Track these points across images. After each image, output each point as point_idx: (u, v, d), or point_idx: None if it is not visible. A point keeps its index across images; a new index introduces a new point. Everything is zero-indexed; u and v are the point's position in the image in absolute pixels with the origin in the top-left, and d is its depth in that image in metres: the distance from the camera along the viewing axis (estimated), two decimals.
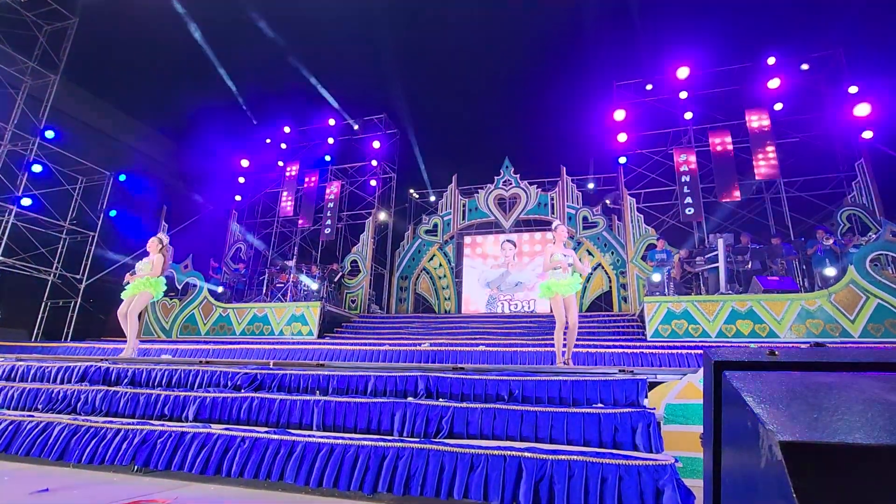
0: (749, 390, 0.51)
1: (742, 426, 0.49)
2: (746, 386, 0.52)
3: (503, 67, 17.54)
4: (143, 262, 5.77)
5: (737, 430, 0.53)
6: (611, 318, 11.02)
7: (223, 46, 15.14)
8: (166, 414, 3.73)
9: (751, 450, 0.45)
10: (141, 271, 5.67)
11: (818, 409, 0.46)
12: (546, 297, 5.16)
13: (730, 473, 0.55)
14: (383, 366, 4.62)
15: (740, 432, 0.51)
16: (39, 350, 9.01)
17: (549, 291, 5.10)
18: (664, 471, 2.44)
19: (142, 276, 5.63)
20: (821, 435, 0.40)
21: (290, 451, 2.93)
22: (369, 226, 14.52)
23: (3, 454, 3.47)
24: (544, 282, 5.15)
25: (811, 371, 0.58)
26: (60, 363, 4.80)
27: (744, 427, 0.48)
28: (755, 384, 0.53)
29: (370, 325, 11.75)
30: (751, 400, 0.48)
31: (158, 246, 5.76)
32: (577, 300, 5.26)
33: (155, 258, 5.70)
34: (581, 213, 14.13)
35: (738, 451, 0.52)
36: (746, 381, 0.54)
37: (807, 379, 0.55)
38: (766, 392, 0.50)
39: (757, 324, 7.94)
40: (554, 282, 5.07)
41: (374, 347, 7.57)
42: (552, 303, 5.13)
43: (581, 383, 3.38)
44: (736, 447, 0.53)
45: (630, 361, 6.72)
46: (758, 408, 0.46)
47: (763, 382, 0.53)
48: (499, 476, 2.57)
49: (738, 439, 0.52)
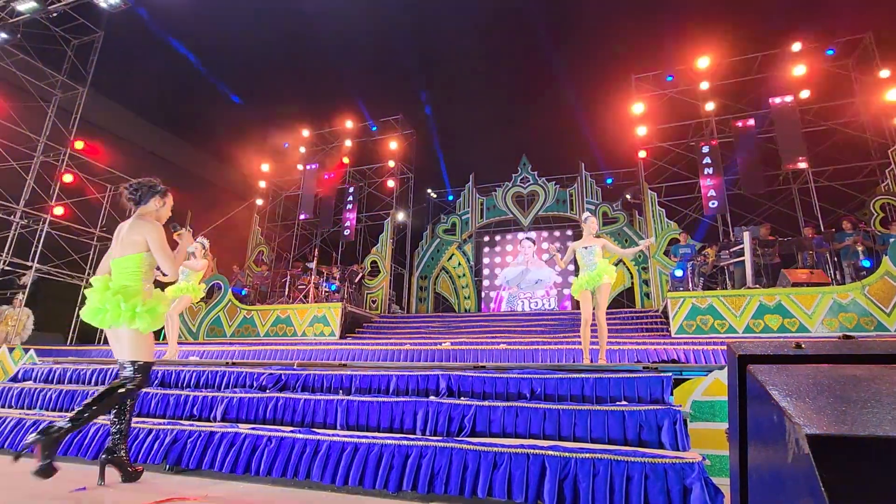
0: (774, 384, 0.50)
1: (768, 420, 0.48)
2: (772, 379, 0.51)
3: (518, 64, 17.45)
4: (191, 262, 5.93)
5: (763, 425, 0.52)
6: (633, 314, 10.85)
7: (242, 54, 15.45)
8: (195, 414, 3.83)
9: (777, 444, 0.44)
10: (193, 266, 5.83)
11: (846, 401, 0.45)
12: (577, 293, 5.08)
13: (756, 468, 0.54)
14: (405, 365, 4.65)
15: (766, 426, 0.50)
16: (74, 353, 9.34)
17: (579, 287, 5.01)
18: (691, 469, 2.40)
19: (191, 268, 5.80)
20: (849, 428, 0.40)
21: (316, 450, 2.98)
22: (388, 226, 14.61)
23: None
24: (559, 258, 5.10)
25: (839, 364, 0.57)
26: (94, 366, 4.98)
27: (770, 421, 0.47)
28: (781, 377, 0.52)
29: (391, 325, 11.83)
30: (776, 393, 0.47)
31: (203, 251, 5.94)
32: (607, 295, 5.10)
33: (202, 262, 5.88)
34: (601, 208, 13.96)
35: (765, 446, 0.51)
36: (772, 375, 0.53)
37: (835, 371, 0.53)
38: (793, 385, 0.49)
39: (786, 318, 7.72)
40: (578, 279, 5.03)
41: (396, 347, 7.62)
42: (581, 298, 5.05)
43: (604, 380, 3.34)
44: (762, 442, 0.53)
45: (654, 358, 6.61)
46: (784, 401, 0.45)
47: (789, 375, 0.52)
48: (522, 474, 2.57)
49: (764, 434, 0.51)
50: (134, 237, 2.76)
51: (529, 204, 14.73)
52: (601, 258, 5.04)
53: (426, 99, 17.45)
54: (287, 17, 14.78)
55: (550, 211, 14.45)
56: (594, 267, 4.97)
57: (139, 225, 2.79)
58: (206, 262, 5.94)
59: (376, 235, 14.94)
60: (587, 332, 5.02)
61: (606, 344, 5.25)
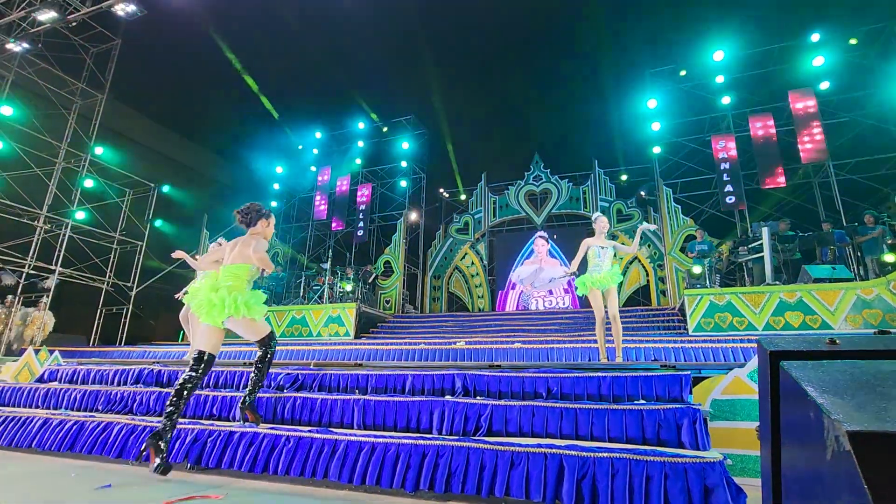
0: (810, 380, 0.49)
1: (803, 418, 0.47)
2: (806, 376, 0.50)
3: (530, 62, 17.36)
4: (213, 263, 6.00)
5: (797, 423, 0.51)
6: (650, 312, 10.73)
7: (256, 58, 15.63)
8: (215, 414, 3.89)
9: (814, 442, 0.43)
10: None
11: (886, 398, 0.43)
12: (583, 293, 5.07)
13: (791, 467, 0.52)
14: (420, 365, 4.66)
15: (801, 424, 0.48)
16: (97, 354, 9.55)
17: (584, 287, 5.00)
18: (713, 469, 2.36)
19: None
20: (892, 424, 0.38)
21: (333, 449, 3.00)
22: (401, 226, 14.66)
23: (69, 452, 3.71)
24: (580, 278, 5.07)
25: (876, 359, 0.55)
26: (117, 367, 5.08)
27: (805, 418, 0.46)
28: (816, 374, 0.50)
29: (405, 325, 11.87)
30: (812, 390, 0.46)
31: None
32: (617, 294, 5.13)
33: None
34: (615, 205, 13.82)
35: (800, 444, 0.50)
36: (806, 371, 0.51)
37: (872, 368, 0.52)
38: (829, 382, 0.48)
39: (808, 315, 7.55)
40: (588, 277, 4.98)
41: (410, 347, 7.64)
42: (590, 298, 5.02)
43: (621, 379, 3.30)
44: (797, 440, 0.51)
45: (672, 356, 6.53)
46: (820, 398, 0.44)
47: (825, 372, 0.51)
48: (540, 474, 2.55)
49: (800, 432, 0.50)
50: (246, 251, 3.31)
51: (542, 202, 14.65)
52: (612, 262, 5.06)
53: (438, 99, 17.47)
54: (300, 20, 14.92)
55: (564, 209, 14.35)
56: (604, 269, 4.96)
57: (251, 242, 3.35)
58: None
59: (389, 236, 14.99)
60: (602, 330, 5.00)
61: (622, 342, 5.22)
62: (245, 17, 14.24)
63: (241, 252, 3.33)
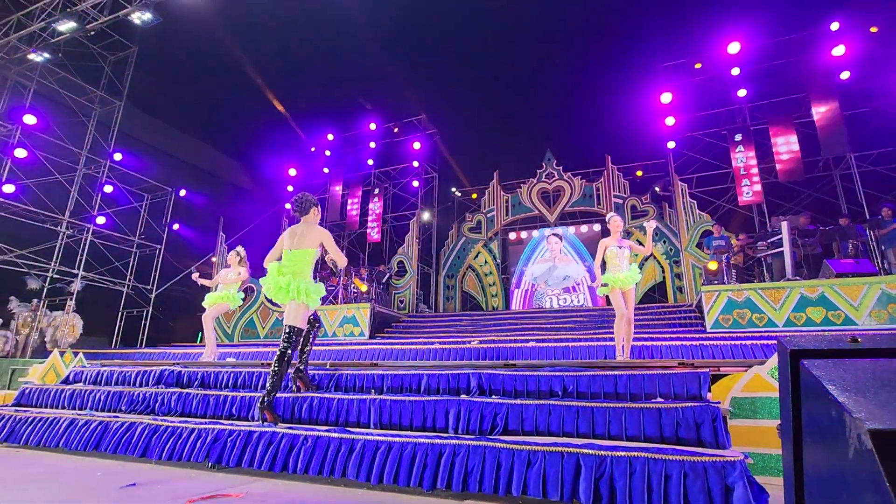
0: (831, 379, 0.48)
1: (825, 416, 0.46)
2: (827, 374, 0.49)
3: (540, 57, 17.26)
4: (226, 272, 6.14)
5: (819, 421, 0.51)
6: (666, 309, 10.60)
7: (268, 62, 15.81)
8: (234, 413, 3.95)
9: (836, 440, 0.43)
10: (225, 279, 6.05)
11: None
12: (604, 293, 5.11)
13: (813, 465, 0.52)
14: (435, 364, 4.67)
15: (823, 423, 0.48)
16: (120, 356, 9.77)
17: (606, 287, 5.04)
18: (733, 467, 2.33)
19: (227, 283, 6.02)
20: None
21: (351, 448, 3.03)
22: (414, 226, 14.70)
23: (94, 452, 3.80)
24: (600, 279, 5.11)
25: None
26: (138, 368, 5.19)
27: (827, 417, 0.46)
28: (837, 372, 0.50)
29: (419, 325, 11.90)
30: (833, 389, 0.46)
31: (238, 259, 6.13)
32: (634, 292, 5.18)
33: (241, 270, 6.07)
34: (629, 202, 13.67)
35: (822, 443, 0.50)
36: (827, 370, 0.51)
37: (894, 366, 0.51)
38: (850, 380, 0.47)
39: (830, 311, 7.39)
40: (610, 277, 5.01)
41: (425, 346, 7.67)
42: (610, 296, 5.06)
43: (639, 377, 3.28)
44: (818, 438, 0.51)
45: (689, 354, 6.44)
46: (842, 396, 0.44)
47: (846, 370, 0.50)
48: (557, 473, 2.55)
49: (821, 430, 0.50)
50: (311, 236, 3.73)
51: (555, 200, 14.56)
52: (630, 261, 5.13)
53: (448, 97, 17.47)
54: (311, 23, 15.04)
55: (577, 206, 14.24)
56: (623, 270, 5.02)
57: (314, 229, 3.79)
58: (242, 270, 6.09)
59: (402, 236, 15.05)
60: (621, 329, 5.03)
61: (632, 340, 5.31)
62: (256, 21, 14.40)
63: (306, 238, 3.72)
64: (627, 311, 5.00)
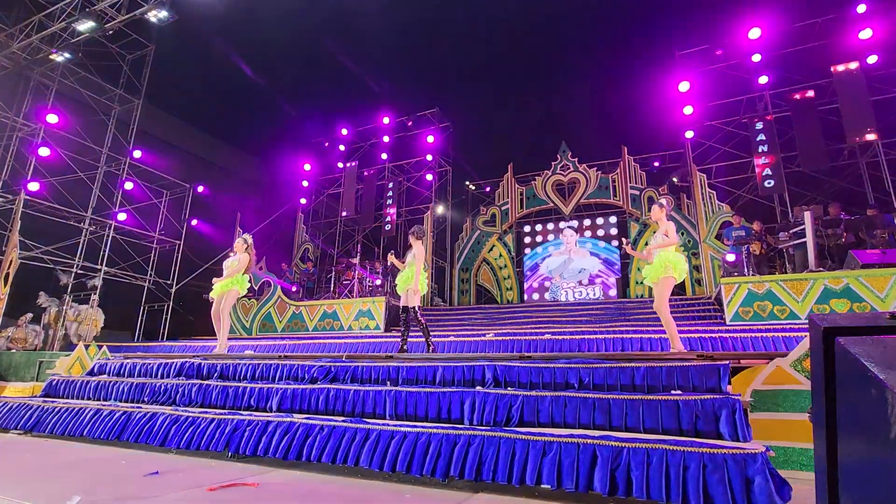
0: (871, 356, 0.45)
1: (864, 395, 0.43)
2: (866, 351, 0.46)
3: (555, 48, 17.02)
4: (230, 260, 6.17)
5: (856, 402, 0.48)
6: (684, 301, 10.42)
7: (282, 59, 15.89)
8: (252, 404, 4.01)
9: (876, 421, 0.40)
10: (228, 268, 6.07)
11: None
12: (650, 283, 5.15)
13: (849, 450, 0.49)
14: (450, 356, 4.67)
15: (861, 403, 0.45)
16: (142, 349, 9.99)
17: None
18: (754, 460, 2.28)
19: (230, 274, 6.01)
20: None
21: (366, 437, 3.04)
22: (428, 220, 14.68)
23: (117, 441, 3.90)
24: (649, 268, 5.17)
25: None
26: (160, 360, 5.30)
27: (867, 396, 0.43)
28: (877, 349, 0.47)
29: (434, 318, 11.91)
30: (874, 366, 0.43)
31: (244, 245, 6.15)
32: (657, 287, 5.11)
33: (241, 256, 6.09)
34: (646, 193, 13.44)
35: (860, 425, 0.47)
36: (867, 347, 0.48)
37: None
38: (892, 357, 0.44)
39: (855, 302, 7.18)
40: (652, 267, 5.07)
41: (440, 339, 7.67)
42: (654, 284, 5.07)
43: (657, 369, 3.23)
44: (856, 421, 0.48)
45: (709, 346, 6.34)
46: (884, 373, 0.41)
47: (887, 347, 0.47)
48: (572, 463, 2.52)
49: (859, 411, 0.47)
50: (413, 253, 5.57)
51: (570, 192, 14.39)
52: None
53: (462, 90, 17.36)
54: (324, 18, 15.05)
55: (592, 198, 14.06)
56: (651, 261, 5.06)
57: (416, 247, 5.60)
58: (246, 256, 6.07)
59: None
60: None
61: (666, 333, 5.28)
62: (270, 18, 14.46)
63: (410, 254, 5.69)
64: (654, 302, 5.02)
